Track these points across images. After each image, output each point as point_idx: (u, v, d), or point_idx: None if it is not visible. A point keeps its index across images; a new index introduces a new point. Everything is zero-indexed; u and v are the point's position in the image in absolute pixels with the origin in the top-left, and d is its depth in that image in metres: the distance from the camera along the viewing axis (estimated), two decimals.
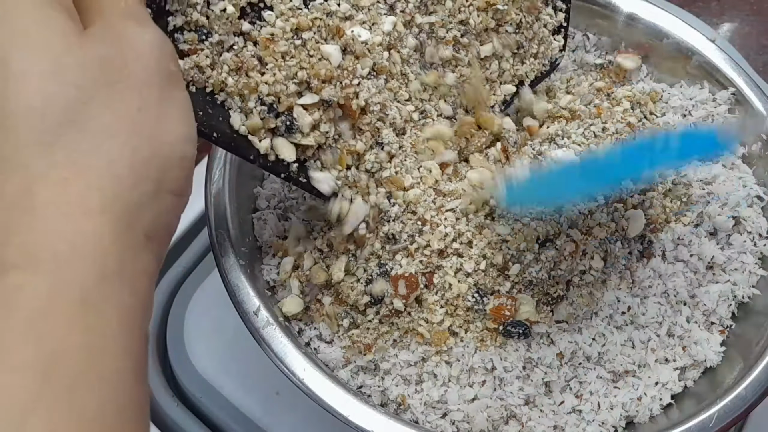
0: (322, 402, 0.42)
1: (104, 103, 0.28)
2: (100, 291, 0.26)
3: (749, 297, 0.49)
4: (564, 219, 0.45)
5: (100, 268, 0.26)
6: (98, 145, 0.27)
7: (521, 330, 0.45)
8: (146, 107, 0.29)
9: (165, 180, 0.30)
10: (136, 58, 0.29)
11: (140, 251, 0.29)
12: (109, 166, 0.27)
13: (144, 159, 0.29)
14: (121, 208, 0.28)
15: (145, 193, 0.29)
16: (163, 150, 0.30)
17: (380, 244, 0.44)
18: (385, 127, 0.44)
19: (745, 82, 0.54)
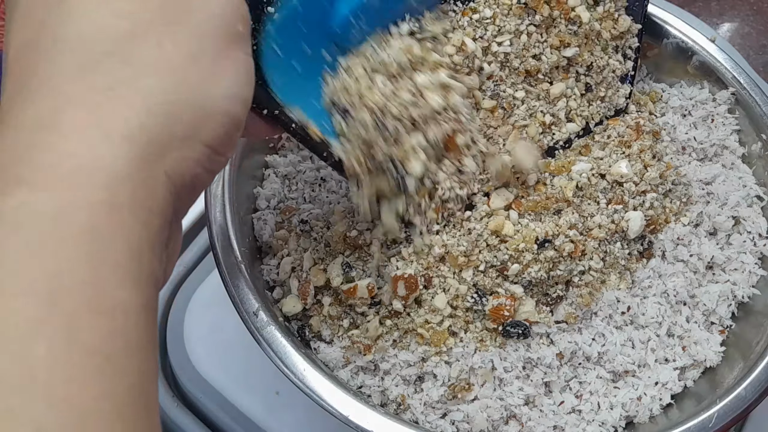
0: (322, 402, 0.42)
1: (157, 41, 0.27)
2: (109, 220, 0.25)
3: (749, 297, 0.49)
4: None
5: (110, 196, 0.25)
6: (138, 78, 0.27)
7: (521, 330, 0.45)
8: (200, 56, 0.28)
9: (201, 130, 0.29)
10: (205, 6, 0.29)
11: (157, 187, 0.27)
12: (144, 99, 0.27)
13: (182, 102, 0.28)
14: (146, 140, 0.27)
15: (175, 134, 0.28)
16: (207, 101, 0.29)
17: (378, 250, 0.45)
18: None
19: (745, 82, 0.54)
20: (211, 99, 0.29)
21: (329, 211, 0.50)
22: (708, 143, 0.53)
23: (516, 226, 0.45)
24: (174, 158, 0.28)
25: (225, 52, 0.29)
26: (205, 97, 0.29)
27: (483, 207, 0.45)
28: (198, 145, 0.29)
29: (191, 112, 0.28)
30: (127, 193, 0.26)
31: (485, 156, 0.46)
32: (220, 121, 0.29)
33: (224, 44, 0.29)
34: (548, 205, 0.46)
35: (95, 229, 0.25)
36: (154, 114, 0.27)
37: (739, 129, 0.54)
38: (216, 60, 0.29)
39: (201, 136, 0.29)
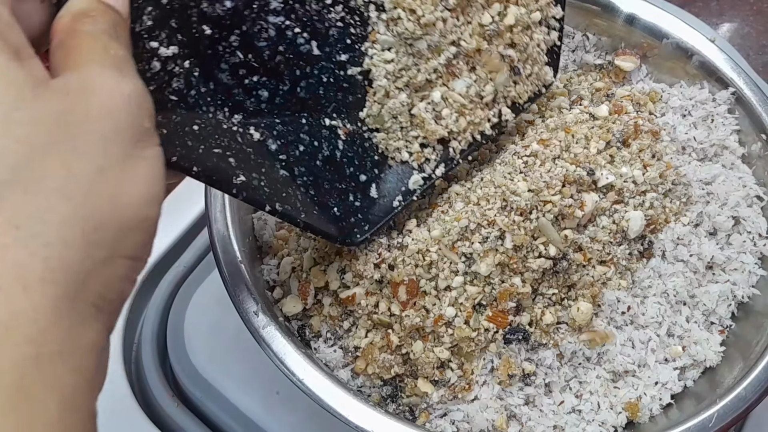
0: (322, 402, 0.42)
1: (59, 162, 0.25)
2: (38, 375, 0.23)
3: (749, 297, 0.49)
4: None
5: (38, 349, 0.23)
6: (48, 208, 0.24)
7: (521, 336, 0.45)
8: (108, 167, 0.26)
9: (121, 245, 0.27)
10: (106, 113, 0.27)
11: (87, 325, 0.25)
12: (58, 232, 0.24)
13: (99, 223, 0.26)
14: (67, 278, 0.24)
15: (96, 259, 0.26)
16: (123, 213, 0.27)
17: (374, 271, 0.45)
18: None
19: (745, 82, 0.54)
20: (127, 210, 0.27)
21: None
22: (708, 143, 0.54)
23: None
24: (98, 285, 0.26)
25: (133, 154, 0.28)
26: (121, 210, 0.27)
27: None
28: (120, 262, 0.27)
29: (109, 231, 0.26)
30: (55, 340, 0.24)
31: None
32: (139, 228, 0.28)
33: (131, 146, 0.28)
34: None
35: (23, 391, 0.23)
36: (72, 245, 0.25)
37: (739, 129, 0.54)
38: (125, 166, 0.27)
39: (122, 251, 0.27)
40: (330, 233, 0.42)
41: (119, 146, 0.27)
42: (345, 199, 0.42)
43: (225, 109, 0.36)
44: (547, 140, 0.48)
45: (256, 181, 0.37)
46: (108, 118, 0.27)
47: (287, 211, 0.39)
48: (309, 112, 0.40)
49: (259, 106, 0.38)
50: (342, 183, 0.42)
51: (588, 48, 0.59)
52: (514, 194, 0.44)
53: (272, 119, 0.38)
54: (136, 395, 0.58)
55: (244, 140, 0.37)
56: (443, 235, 0.44)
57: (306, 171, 0.40)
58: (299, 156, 0.40)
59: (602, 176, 0.47)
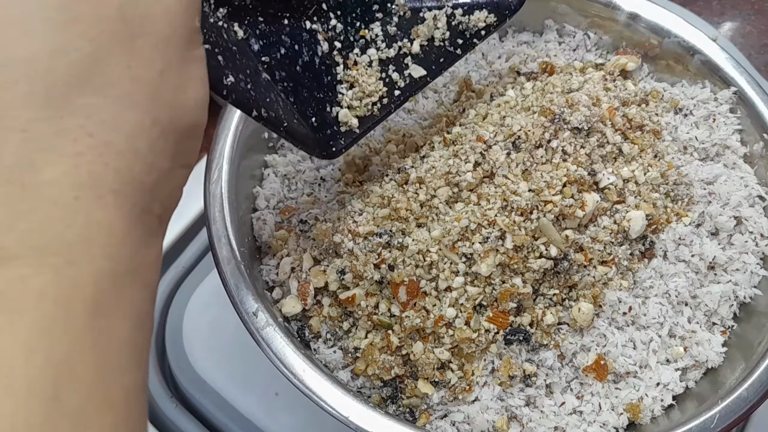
0: (322, 403, 0.41)
1: (123, 62, 0.24)
2: (114, 292, 0.23)
3: (751, 297, 0.49)
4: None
5: (113, 264, 0.23)
6: (117, 115, 0.23)
7: (521, 336, 0.45)
8: (168, 69, 0.25)
9: (180, 154, 0.26)
10: (163, 11, 0.25)
11: (152, 239, 0.26)
12: (129, 141, 0.24)
13: (163, 131, 0.25)
14: (138, 191, 0.24)
15: (162, 170, 0.25)
16: (182, 120, 0.26)
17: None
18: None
19: (747, 81, 0.54)
20: (184, 115, 0.26)
21: (328, 210, 0.49)
22: (709, 143, 0.53)
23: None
24: (164, 195, 0.26)
25: (187, 56, 0.27)
26: (180, 115, 0.26)
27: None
28: (179, 171, 0.27)
29: (170, 138, 0.26)
30: (128, 257, 0.24)
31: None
32: (193, 134, 0.28)
33: (186, 47, 0.27)
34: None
35: (100, 307, 0.23)
36: (142, 155, 0.24)
37: (741, 128, 0.54)
38: (181, 68, 0.26)
39: (180, 159, 0.27)
40: (309, 144, 0.41)
41: (176, 48, 0.26)
42: (323, 109, 0.41)
43: (210, 1, 0.35)
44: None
45: (243, 83, 0.36)
46: (166, 16, 0.25)
47: (271, 117, 0.38)
48: (291, 12, 0.40)
49: (244, 1, 0.37)
50: (320, 92, 0.41)
51: (589, 47, 0.59)
52: (514, 194, 0.44)
53: (255, 17, 0.38)
54: None
55: (229, 37, 0.36)
56: (443, 235, 0.44)
57: (286, 76, 0.39)
58: (280, 59, 0.39)
59: (603, 177, 0.47)
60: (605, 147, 0.48)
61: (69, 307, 0.22)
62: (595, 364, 0.46)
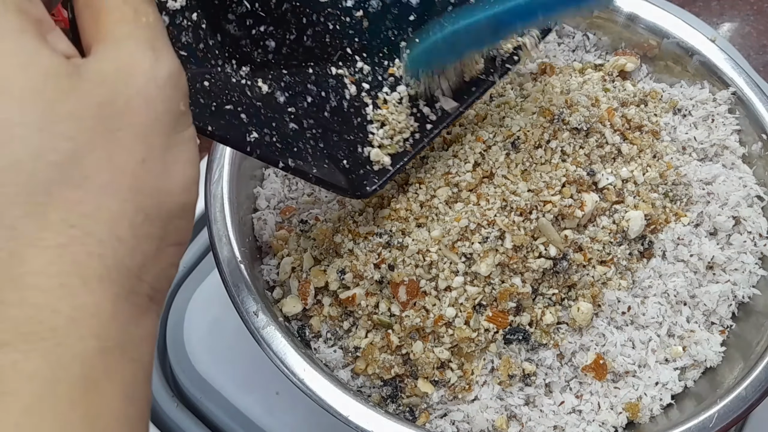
0: (322, 402, 0.42)
1: (103, 156, 0.25)
2: (103, 367, 0.24)
3: (749, 297, 0.49)
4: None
5: (101, 342, 0.24)
6: (98, 206, 0.24)
7: (521, 336, 0.45)
8: (151, 157, 0.26)
9: (168, 234, 0.27)
10: (143, 102, 0.26)
11: (143, 316, 0.26)
12: (111, 229, 0.25)
13: (147, 217, 0.26)
14: (123, 274, 0.25)
15: (148, 254, 0.26)
16: (167, 202, 0.27)
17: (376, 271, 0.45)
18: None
19: (746, 82, 0.54)
20: (170, 198, 0.27)
21: (329, 210, 0.49)
22: (708, 143, 0.53)
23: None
24: (152, 276, 0.26)
25: (173, 140, 0.27)
26: (166, 198, 0.27)
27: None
28: (168, 250, 0.27)
29: (158, 222, 0.26)
30: (116, 334, 0.25)
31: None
32: (183, 214, 0.28)
33: (171, 132, 0.27)
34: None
35: (89, 383, 0.23)
36: (125, 241, 0.25)
37: (740, 129, 0.54)
38: (165, 153, 0.27)
39: (169, 240, 0.27)
40: (341, 186, 0.41)
41: (159, 135, 0.26)
42: (354, 150, 0.41)
43: (233, 61, 0.36)
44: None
45: (268, 137, 0.37)
46: (146, 107, 0.26)
47: (299, 166, 0.38)
48: (315, 61, 0.40)
49: (267, 57, 0.37)
50: (350, 134, 0.41)
51: (588, 48, 0.59)
52: (513, 194, 0.44)
53: (279, 70, 0.38)
54: None
55: (253, 93, 0.37)
56: (443, 235, 0.44)
57: (315, 123, 0.39)
58: (307, 107, 0.39)
59: (602, 177, 0.47)
60: (604, 147, 0.48)
61: (57, 385, 0.23)
62: (594, 363, 0.46)
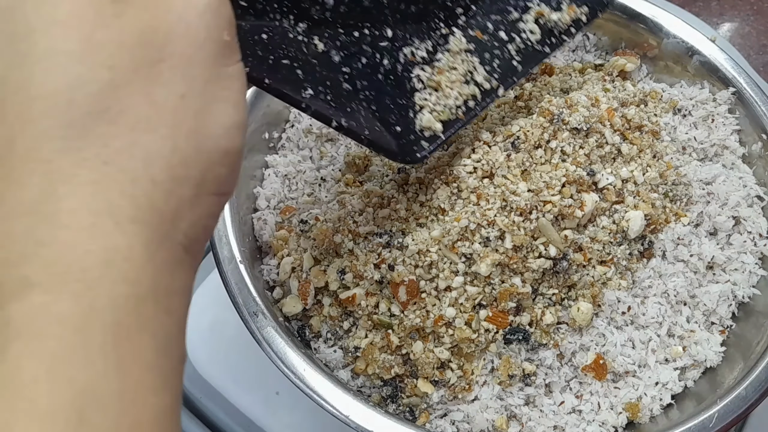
0: (322, 402, 0.42)
1: (142, 89, 0.24)
2: (135, 316, 0.23)
3: (749, 297, 0.49)
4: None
5: (134, 289, 0.23)
6: (133, 142, 0.23)
7: (521, 336, 0.45)
8: (191, 93, 0.25)
9: (207, 181, 0.25)
10: (184, 29, 0.24)
11: (177, 266, 0.25)
12: (146, 168, 0.23)
13: (185, 158, 0.24)
14: (157, 218, 0.24)
15: (184, 199, 0.25)
16: (207, 145, 0.25)
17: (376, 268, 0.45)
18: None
19: (746, 81, 0.54)
20: (212, 140, 0.25)
21: (329, 210, 0.49)
22: (708, 143, 0.53)
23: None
24: (187, 224, 0.25)
25: (216, 74, 0.26)
26: (205, 141, 0.25)
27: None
28: (207, 199, 0.26)
29: (195, 165, 0.25)
30: (149, 281, 0.23)
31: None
32: (224, 161, 0.26)
33: (213, 66, 0.25)
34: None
35: (122, 330, 0.22)
36: (160, 182, 0.24)
37: (740, 129, 0.54)
38: (207, 91, 0.25)
39: (208, 187, 0.26)
40: (392, 150, 0.40)
41: (200, 67, 0.25)
42: (405, 115, 0.41)
43: (291, 16, 0.35)
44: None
45: (322, 95, 0.36)
46: (187, 35, 0.24)
47: (352, 127, 0.38)
48: (372, 22, 0.39)
49: (324, 15, 0.37)
50: (403, 98, 0.41)
51: (588, 48, 0.59)
52: (513, 194, 0.44)
53: (336, 29, 0.38)
54: None
55: (309, 50, 0.36)
56: (443, 235, 0.44)
57: (368, 85, 0.39)
58: (362, 69, 0.39)
59: (602, 177, 0.47)
60: (604, 147, 0.48)
61: (89, 331, 0.22)
62: (594, 363, 0.46)
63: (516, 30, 0.44)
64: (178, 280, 0.25)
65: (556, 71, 0.55)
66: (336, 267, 0.46)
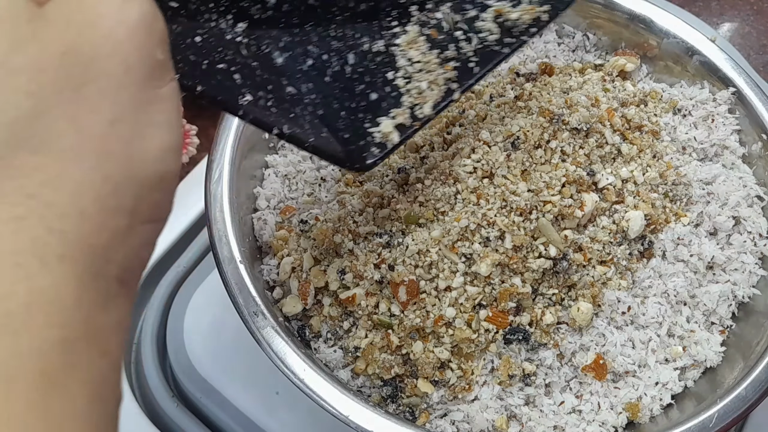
0: (322, 402, 0.42)
1: (67, 115, 0.22)
2: (65, 361, 0.21)
3: (749, 297, 0.49)
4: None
5: (63, 332, 0.21)
6: (60, 173, 0.21)
7: (521, 336, 0.45)
8: (121, 118, 0.23)
9: (141, 209, 0.24)
10: (111, 48, 0.22)
11: (111, 301, 0.23)
12: (74, 201, 0.21)
13: (116, 188, 0.22)
14: (89, 253, 0.22)
15: (117, 230, 0.23)
16: (141, 172, 0.23)
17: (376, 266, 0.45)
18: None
19: (746, 81, 0.54)
20: (144, 168, 0.23)
21: (329, 210, 0.49)
22: (708, 143, 0.53)
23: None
24: (121, 256, 0.23)
25: (147, 98, 0.24)
26: (138, 167, 0.23)
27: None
28: (141, 228, 0.24)
29: (127, 195, 0.23)
30: (80, 323, 0.21)
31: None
32: (158, 186, 0.24)
33: (145, 89, 0.23)
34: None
35: (50, 379, 0.20)
36: (90, 215, 0.22)
37: (740, 129, 0.54)
38: (138, 113, 0.23)
39: (143, 215, 0.24)
40: (339, 157, 0.38)
41: (131, 90, 0.23)
42: (354, 120, 0.38)
43: (228, 16, 0.33)
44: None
45: (263, 101, 0.34)
46: (115, 55, 0.22)
47: (295, 133, 0.36)
48: (318, 21, 0.37)
49: (265, 14, 0.35)
50: (352, 102, 0.38)
51: (588, 48, 0.59)
52: (513, 194, 0.44)
53: (278, 29, 0.35)
54: (136, 396, 0.58)
55: (249, 52, 0.34)
56: (443, 235, 0.44)
57: (314, 88, 0.37)
58: (307, 71, 0.36)
59: (602, 177, 0.47)
60: (604, 147, 0.49)
61: (13, 383, 0.20)
62: (594, 363, 0.46)
63: (474, 29, 0.41)
64: (113, 316, 0.23)
65: (556, 71, 0.55)
66: (336, 267, 0.46)
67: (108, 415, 0.23)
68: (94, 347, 0.22)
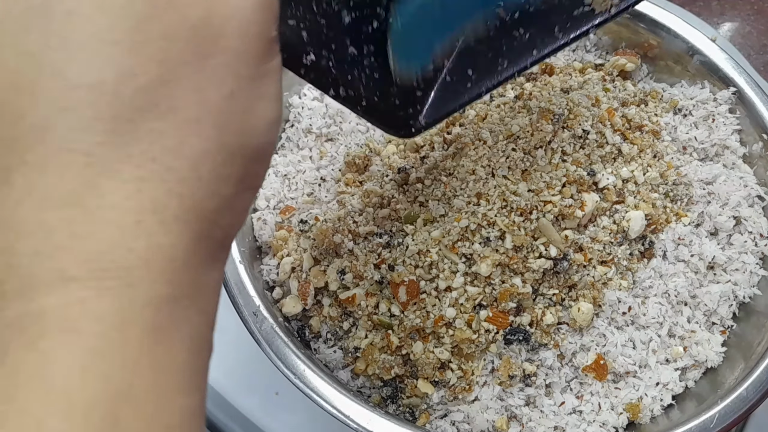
0: (322, 402, 0.41)
1: (191, 85, 0.23)
2: (172, 316, 0.23)
3: (750, 297, 0.49)
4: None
5: (173, 289, 0.22)
6: (182, 140, 0.23)
7: (521, 336, 0.45)
8: (239, 91, 0.24)
9: (246, 177, 0.25)
10: (237, 24, 0.23)
11: (213, 263, 0.25)
12: (193, 167, 0.23)
13: (230, 156, 0.24)
14: (200, 217, 0.23)
15: (226, 196, 0.24)
16: (251, 142, 0.25)
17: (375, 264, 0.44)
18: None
19: (746, 81, 0.54)
20: (253, 138, 0.25)
21: (329, 210, 0.49)
22: (709, 143, 0.53)
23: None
24: (227, 221, 0.25)
25: (261, 71, 0.25)
26: (248, 139, 0.25)
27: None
28: (243, 195, 0.25)
29: (237, 163, 0.24)
30: (188, 281, 0.23)
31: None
32: (262, 157, 0.26)
33: (260, 63, 0.25)
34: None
35: (159, 331, 0.22)
36: (206, 181, 0.23)
37: (740, 129, 0.54)
38: (252, 87, 0.25)
39: (246, 183, 0.25)
40: (388, 123, 0.37)
41: (249, 64, 0.24)
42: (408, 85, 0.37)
43: None
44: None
45: (324, 61, 0.34)
46: (240, 31, 0.23)
47: (350, 97, 0.35)
48: None
49: None
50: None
51: (588, 47, 0.59)
52: (514, 194, 0.44)
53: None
54: None
55: (319, 9, 0.33)
56: (443, 235, 0.44)
57: (375, 50, 0.35)
58: (372, 32, 0.35)
59: (603, 177, 0.47)
60: (604, 147, 0.48)
61: (127, 331, 0.21)
62: (595, 363, 0.46)
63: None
64: (213, 278, 0.25)
65: (556, 71, 0.55)
66: (336, 267, 0.45)
67: (202, 367, 0.25)
68: (196, 305, 0.24)
